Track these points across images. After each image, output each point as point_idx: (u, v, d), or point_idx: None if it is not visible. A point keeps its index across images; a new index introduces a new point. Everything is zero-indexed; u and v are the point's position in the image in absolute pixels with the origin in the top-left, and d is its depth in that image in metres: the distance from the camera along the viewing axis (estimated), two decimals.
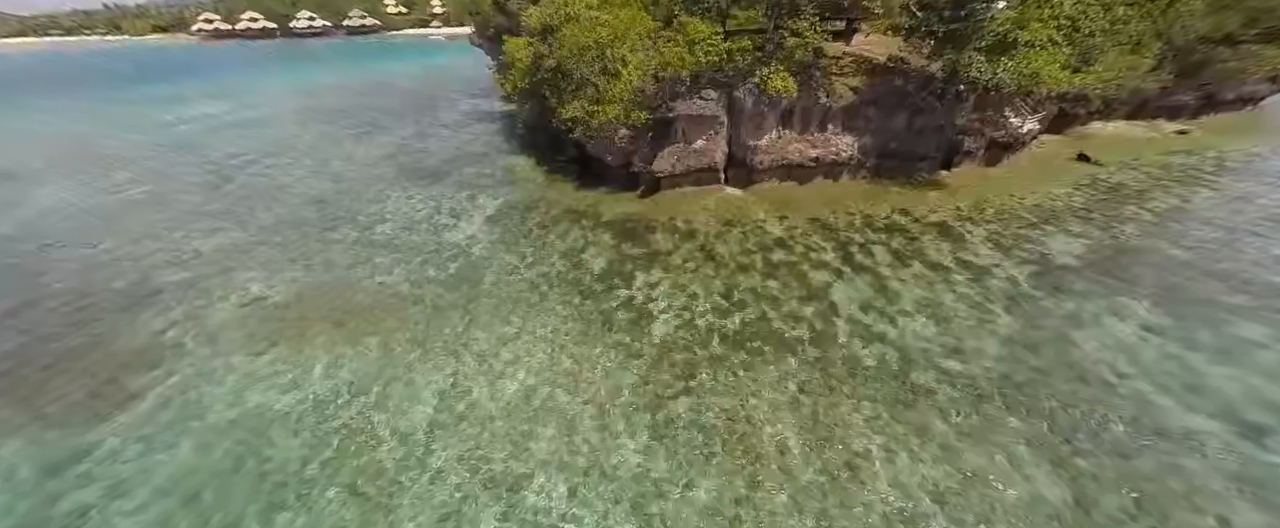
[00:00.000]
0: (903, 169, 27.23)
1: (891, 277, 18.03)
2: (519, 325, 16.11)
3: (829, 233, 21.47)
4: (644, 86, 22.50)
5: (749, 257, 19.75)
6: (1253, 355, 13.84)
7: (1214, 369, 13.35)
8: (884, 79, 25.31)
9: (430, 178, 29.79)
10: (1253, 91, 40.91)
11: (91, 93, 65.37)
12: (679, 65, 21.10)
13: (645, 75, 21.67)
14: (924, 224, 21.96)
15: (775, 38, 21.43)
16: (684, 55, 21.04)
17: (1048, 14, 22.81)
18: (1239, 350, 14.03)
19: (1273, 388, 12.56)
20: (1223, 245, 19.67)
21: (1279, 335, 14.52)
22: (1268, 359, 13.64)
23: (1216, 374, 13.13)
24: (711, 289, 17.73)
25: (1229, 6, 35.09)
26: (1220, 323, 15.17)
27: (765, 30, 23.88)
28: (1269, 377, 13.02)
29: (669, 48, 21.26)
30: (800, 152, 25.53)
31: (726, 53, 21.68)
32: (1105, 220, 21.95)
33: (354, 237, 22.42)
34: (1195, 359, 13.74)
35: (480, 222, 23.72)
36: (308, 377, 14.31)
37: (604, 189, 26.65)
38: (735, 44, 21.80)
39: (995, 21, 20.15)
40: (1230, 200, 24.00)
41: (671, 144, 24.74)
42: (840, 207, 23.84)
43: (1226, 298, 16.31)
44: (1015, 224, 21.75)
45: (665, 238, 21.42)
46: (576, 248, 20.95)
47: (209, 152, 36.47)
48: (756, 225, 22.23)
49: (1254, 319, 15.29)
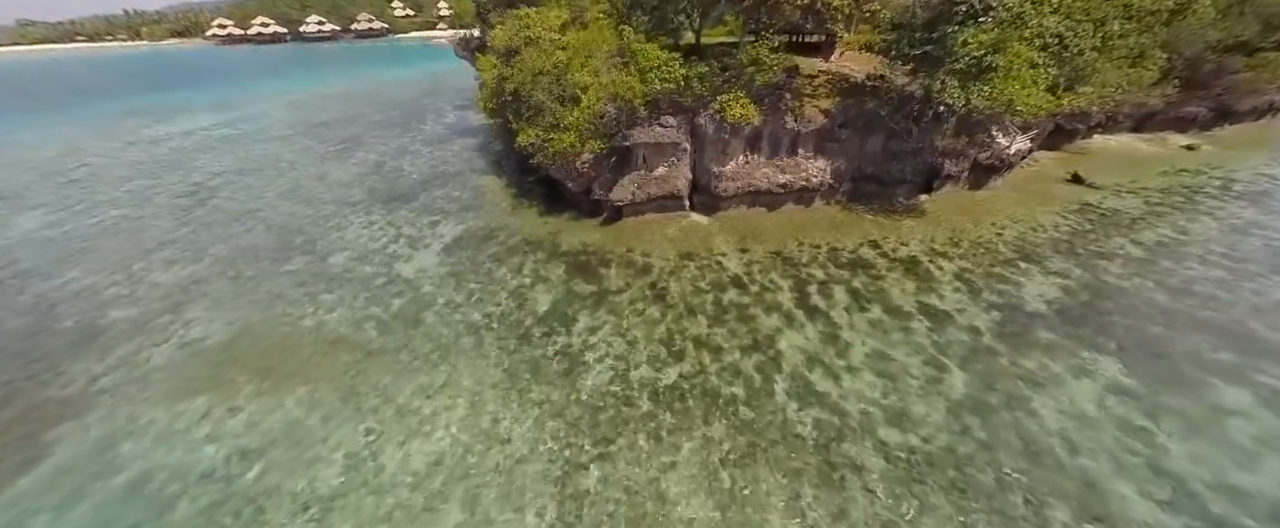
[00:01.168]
0: (880, 194, 26.02)
1: (845, 324, 17.03)
2: (447, 375, 15.59)
3: (789, 269, 20.49)
4: (603, 112, 21.77)
5: (700, 297, 18.92)
6: (1227, 429, 12.59)
7: (1181, 446, 12.16)
8: (857, 101, 24.14)
9: (399, 200, 29.51)
10: (1270, 101, 38.42)
11: (99, 104, 66.83)
12: (629, 94, 20.26)
13: (602, 102, 20.90)
14: (892, 259, 20.83)
15: (734, 64, 20.47)
16: (634, 84, 20.19)
17: (1032, 32, 21.37)
18: (1213, 423, 12.79)
19: (1242, 474, 11.36)
20: (1214, 288, 18.18)
21: (1261, 402, 13.24)
22: (1243, 434, 12.39)
23: (1182, 453, 11.95)
24: (653, 335, 16.97)
25: (1244, 13, 32.88)
26: (1197, 387, 13.89)
27: (736, 44, 22.94)
28: (1241, 458, 11.80)
29: (620, 76, 20.42)
30: (768, 178, 24.49)
31: (683, 79, 20.80)
32: (1088, 256, 20.53)
33: (306, 269, 22.18)
34: (1162, 433, 12.55)
35: (436, 251, 23.29)
36: (224, 432, 13.99)
37: (568, 215, 26.02)
38: (692, 70, 20.89)
39: (967, 46, 18.87)
40: (1230, 232, 22.31)
41: (632, 171, 23.94)
42: (807, 237, 22.80)
43: (1209, 354, 14.97)
44: (989, 260, 20.49)
45: (618, 273, 20.70)
46: (526, 284, 20.37)
47: (192, 170, 36.82)
48: (715, 259, 21.35)
49: (1236, 382, 13.97)
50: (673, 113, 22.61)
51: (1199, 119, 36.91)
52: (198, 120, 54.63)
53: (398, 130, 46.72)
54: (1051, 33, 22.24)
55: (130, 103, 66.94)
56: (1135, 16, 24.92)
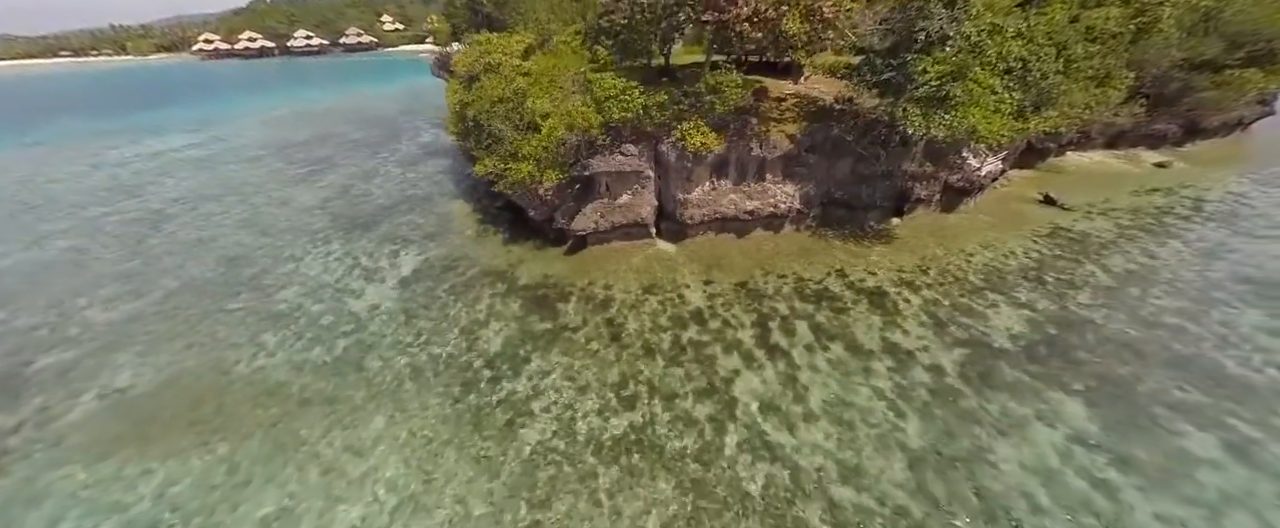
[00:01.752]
0: (850, 218, 25.60)
1: (805, 365, 16.35)
2: (382, 428, 14.67)
3: (753, 302, 19.85)
4: (564, 140, 21.18)
5: (659, 335, 18.18)
6: (1196, 481, 11.98)
7: (1146, 503, 11.51)
8: (824, 125, 23.79)
9: (361, 228, 28.63)
10: (1239, 116, 38.80)
11: (69, 123, 65.50)
12: (584, 124, 19.71)
13: (560, 131, 20.31)
14: (858, 290, 20.27)
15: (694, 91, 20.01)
16: (590, 114, 19.65)
17: (993, 56, 21.17)
18: (1180, 474, 12.18)
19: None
20: (1183, 319, 17.75)
21: (1230, 451, 12.68)
22: (1211, 488, 11.79)
23: (1146, 512, 11.31)
24: (606, 379, 16.19)
25: (1208, 32, 33.23)
26: (1165, 433, 13.32)
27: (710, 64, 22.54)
28: (1207, 515, 11.19)
29: (577, 105, 19.88)
30: (735, 204, 23.97)
31: (642, 108, 20.30)
32: (1057, 285, 20.10)
33: (252, 307, 21.19)
34: (1127, 487, 11.89)
35: (391, 285, 22.42)
36: (133, 496, 12.96)
37: (532, 243, 25.28)
38: (651, 98, 20.42)
39: (927, 75, 18.56)
40: (1201, 255, 22.03)
41: (595, 199, 23.31)
42: (774, 267, 22.21)
43: (1177, 395, 14.44)
44: (958, 290, 19.98)
45: (577, 308, 19.94)
46: (479, 321, 19.54)
47: (151, 196, 35.71)
48: (678, 292, 20.66)
49: (1205, 426, 13.43)
50: (634, 140, 22.11)
51: (1170, 136, 37.12)
52: (168, 141, 53.51)
53: (371, 150, 45.96)
54: (1014, 57, 22.18)
55: (102, 122, 65.62)
56: (1098, 39, 24.94)
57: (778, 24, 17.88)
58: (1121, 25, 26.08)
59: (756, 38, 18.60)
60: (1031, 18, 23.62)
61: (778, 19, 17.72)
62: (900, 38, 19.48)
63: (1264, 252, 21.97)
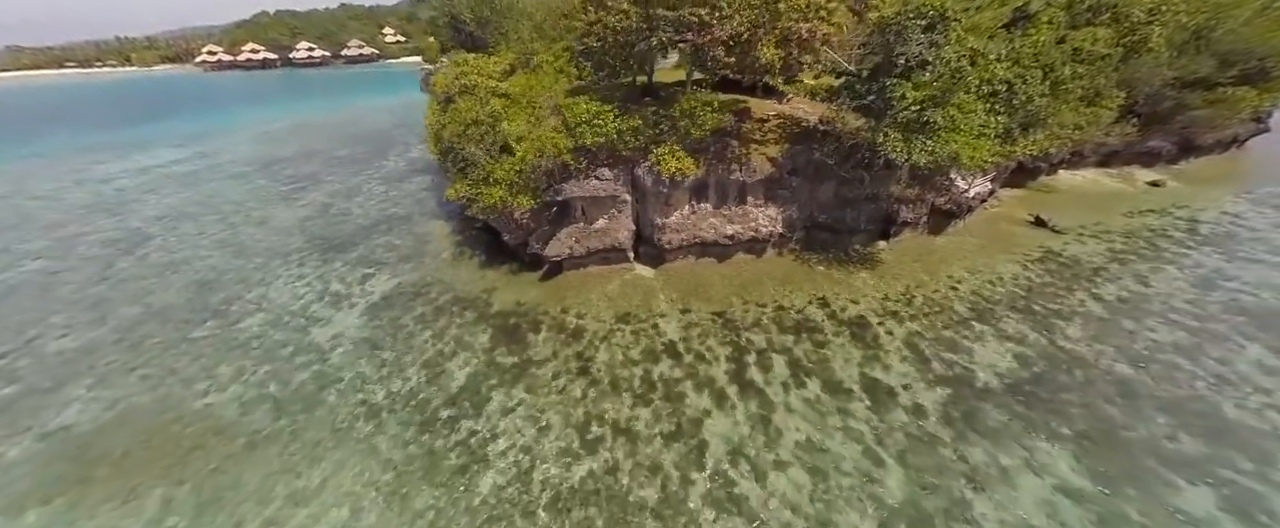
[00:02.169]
0: (835, 242, 24.95)
1: (780, 403, 15.55)
2: (329, 473, 13.86)
3: (730, 333, 19.10)
4: (538, 165, 20.63)
5: (629, 370, 17.42)
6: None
7: None
8: (806, 147, 23.26)
9: (336, 249, 28.05)
10: (1233, 134, 38.29)
11: (62, 137, 65.50)
12: (554, 151, 19.17)
13: (531, 156, 19.76)
14: (840, 321, 19.52)
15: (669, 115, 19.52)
16: (559, 140, 19.12)
17: (977, 79, 20.64)
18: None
19: None
20: (1177, 355, 16.95)
21: (1226, 507, 11.81)
22: None
23: None
24: (570, 420, 15.40)
25: (1200, 50, 32.85)
26: (1157, 486, 12.45)
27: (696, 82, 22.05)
28: None
29: (547, 130, 19.33)
30: (715, 228, 23.33)
31: (616, 133, 19.79)
32: (1046, 315, 19.33)
33: (214, 336, 20.49)
34: None
35: (359, 313, 21.73)
36: None
37: (508, 267, 24.62)
38: (626, 122, 19.90)
39: (906, 101, 18.05)
40: (1196, 283, 21.28)
41: (571, 223, 22.71)
42: (753, 294, 21.49)
43: (1170, 444, 13.60)
44: (942, 321, 19.22)
45: (546, 339, 19.20)
46: (445, 353, 18.80)
47: (131, 215, 35.26)
48: (653, 322, 19.93)
49: (1200, 478, 12.57)
50: (610, 164, 21.58)
51: (1164, 153, 36.57)
52: (157, 155, 53.35)
53: (358, 166, 45.63)
54: (999, 80, 21.69)
55: (94, 136, 65.63)
56: (1085, 60, 24.49)
57: (752, 49, 17.43)
58: (1110, 46, 25.68)
59: (730, 62, 18.16)
60: (1017, 40, 23.21)
61: (752, 45, 17.28)
62: (881, 61, 19.02)
63: (1262, 279, 21.21)
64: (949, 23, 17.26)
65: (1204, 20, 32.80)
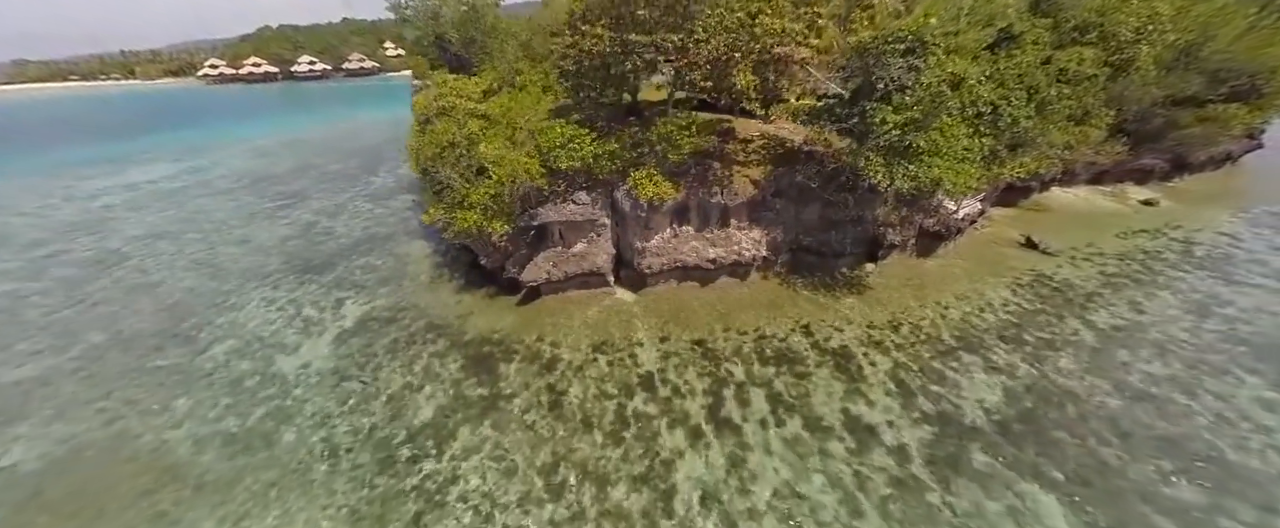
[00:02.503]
0: (821, 266, 24.38)
1: (758, 444, 14.82)
2: (276, 521, 13.06)
3: (709, 364, 18.41)
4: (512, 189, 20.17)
5: (602, 404, 16.71)
6: None
7: None
8: (790, 169, 22.84)
9: (314, 272, 27.51)
10: (1227, 150, 37.97)
11: (56, 152, 65.62)
12: (526, 177, 18.70)
13: (503, 181, 19.28)
14: (823, 351, 18.84)
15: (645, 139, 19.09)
16: (531, 165, 18.65)
17: (962, 100, 20.24)
18: None
19: None
20: (1174, 390, 16.24)
21: None
22: None
23: None
24: (536, 460, 14.66)
25: (1188, 67, 32.65)
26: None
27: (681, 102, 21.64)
28: None
29: (520, 157, 18.83)
30: (697, 252, 22.78)
31: (593, 157, 19.36)
32: (1037, 345, 18.66)
33: (177, 365, 19.84)
34: None
35: (329, 340, 21.08)
36: None
37: (486, 290, 24.04)
38: (603, 146, 19.49)
39: (886, 125, 17.67)
40: (1192, 310, 20.63)
41: (549, 247, 22.22)
42: (735, 321, 20.85)
43: (1167, 490, 12.83)
44: (929, 351, 18.54)
45: (518, 371, 18.52)
46: (412, 385, 18.11)
47: (112, 234, 34.83)
48: (629, 351, 19.25)
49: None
50: (587, 187, 21.14)
51: (1157, 170, 36.20)
52: (148, 171, 53.26)
53: (346, 182, 45.38)
54: (984, 101, 21.35)
55: (88, 150, 65.77)
56: (1071, 81, 24.19)
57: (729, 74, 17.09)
58: (1096, 66, 25.42)
59: (707, 87, 17.82)
60: (1001, 61, 22.95)
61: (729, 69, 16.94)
62: (861, 85, 18.68)
63: (1260, 306, 20.56)
64: (928, 47, 16.94)
65: (1192, 38, 32.67)
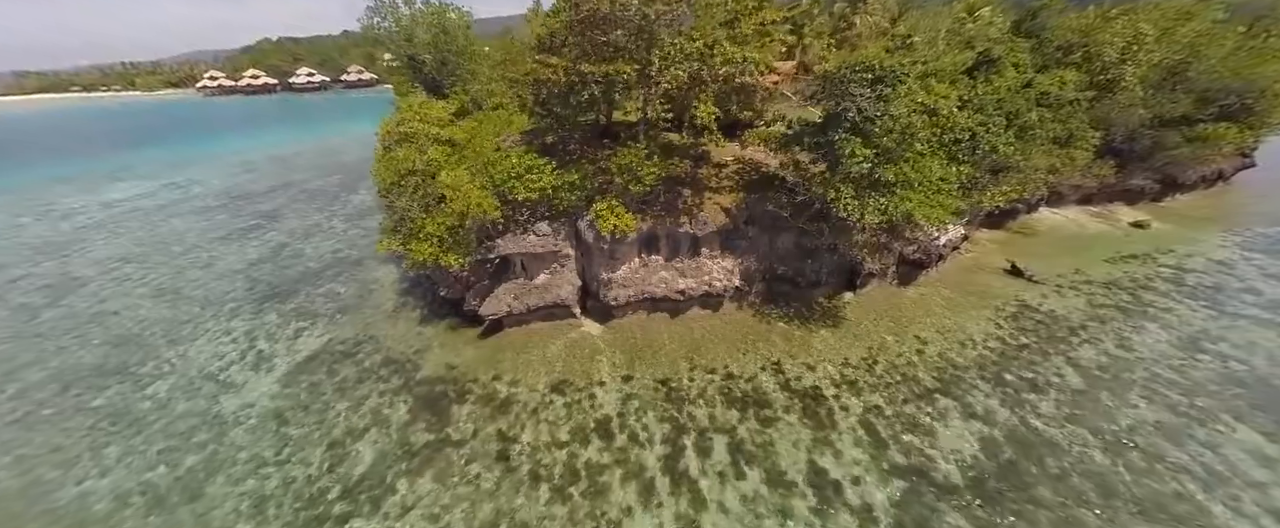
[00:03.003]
0: (797, 294, 23.49)
1: (713, 501, 13.78)
2: None
3: (671, 406, 17.43)
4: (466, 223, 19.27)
5: (553, 454, 15.70)
6: None
7: None
8: (763, 197, 22.05)
9: (275, 299, 26.60)
10: (1218, 169, 37.29)
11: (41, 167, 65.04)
12: (479, 212, 17.89)
13: (455, 215, 18.43)
14: (792, 392, 17.85)
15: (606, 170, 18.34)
16: (483, 200, 17.83)
17: (938, 126, 19.33)
18: None
19: None
20: (1160, 440, 15.22)
21: None
22: None
23: None
24: (474, 519, 13.60)
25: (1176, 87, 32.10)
26: None
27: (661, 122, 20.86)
28: None
29: (474, 190, 17.99)
30: (666, 283, 21.88)
31: (552, 188, 18.59)
32: (1017, 387, 17.67)
33: (113, 405, 18.82)
34: None
35: (278, 377, 20.09)
36: None
37: (448, 322, 23.07)
38: (563, 177, 18.71)
39: (855, 157, 16.93)
40: (1182, 344, 19.67)
41: (511, 279, 21.37)
42: (703, 357, 19.88)
43: None
44: (904, 393, 17.56)
45: (470, 414, 17.52)
46: (357, 429, 17.10)
47: (77, 256, 33.97)
48: (589, 392, 18.27)
49: None
50: (549, 218, 20.35)
51: (1147, 191, 35.48)
52: (128, 187, 52.61)
53: (324, 201, 44.68)
54: (962, 128, 20.64)
55: (72, 165, 65.27)
56: (1052, 105, 23.53)
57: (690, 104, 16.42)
58: (1079, 90, 24.80)
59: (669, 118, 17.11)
60: (979, 86, 22.33)
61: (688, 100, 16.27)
62: (830, 114, 17.98)
63: (1253, 341, 19.61)
64: (896, 77, 16.26)
65: (1180, 58, 32.17)
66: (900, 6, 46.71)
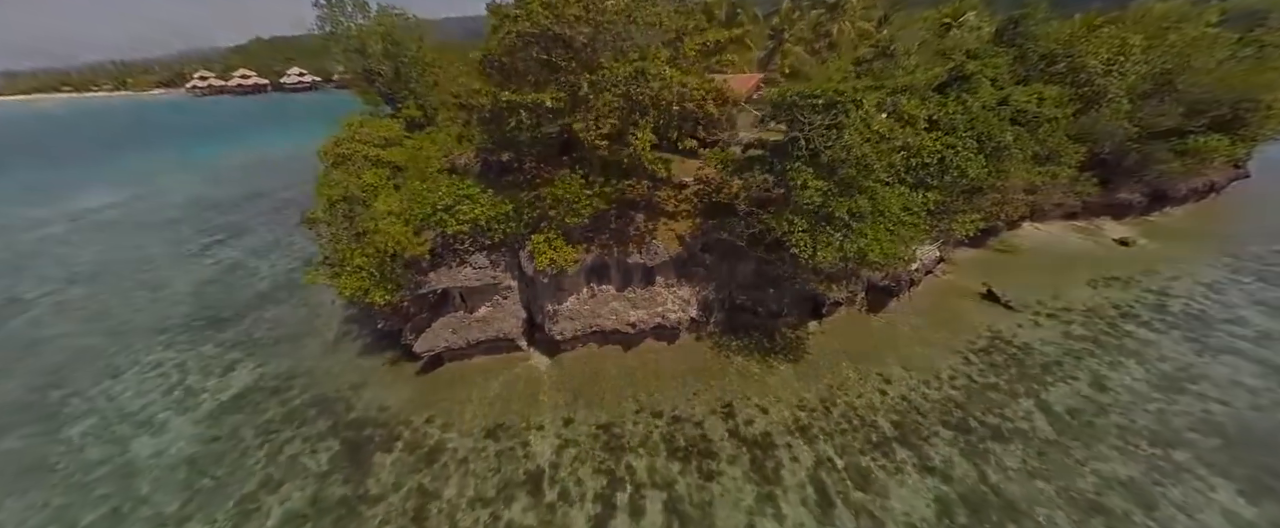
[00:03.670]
0: (759, 324, 22.27)
1: None
2: None
3: (609, 456, 16.23)
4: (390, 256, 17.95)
5: (475, 513, 14.49)
6: None
7: None
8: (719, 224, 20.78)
9: (217, 325, 25.40)
10: (1210, 182, 35.95)
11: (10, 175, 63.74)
12: (401, 248, 16.67)
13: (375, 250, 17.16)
14: (742, 439, 16.65)
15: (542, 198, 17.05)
16: (402, 236, 16.58)
17: (883, 165, 17.26)
18: None
19: None
20: (1131, 501, 13.92)
21: None
22: None
23: None
24: None
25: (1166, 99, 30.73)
26: None
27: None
28: None
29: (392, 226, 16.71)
30: (617, 314, 20.65)
31: (485, 220, 17.35)
32: (981, 435, 16.46)
33: (21, 451, 17.61)
34: None
35: (200, 417, 18.89)
36: None
37: (390, 355, 21.78)
38: (496, 208, 17.46)
39: (806, 191, 15.65)
40: (1161, 385, 18.42)
41: (450, 312, 20.18)
42: (652, 397, 18.69)
43: None
44: (860, 442, 16.36)
45: (393, 465, 16.33)
46: (272, 481, 15.91)
47: (27, 276, 32.75)
48: (525, 438, 17.07)
49: None
50: (488, 248, 19.12)
51: (1135, 204, 34.19)
52: (97, 196, 51.38)
53: (294, 211, 42.52)
54: (929, 151, 19.37)
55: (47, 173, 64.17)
56: (1029, 123, 22.22)
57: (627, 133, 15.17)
58: (1059, 105, 23.48)
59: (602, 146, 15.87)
60: (949, 104, 21.02)
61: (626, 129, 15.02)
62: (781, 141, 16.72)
63: (1236, 379, 18.38)
64: (849, 105, 14.99)
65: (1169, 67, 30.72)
66: (886, 8, 45.30)
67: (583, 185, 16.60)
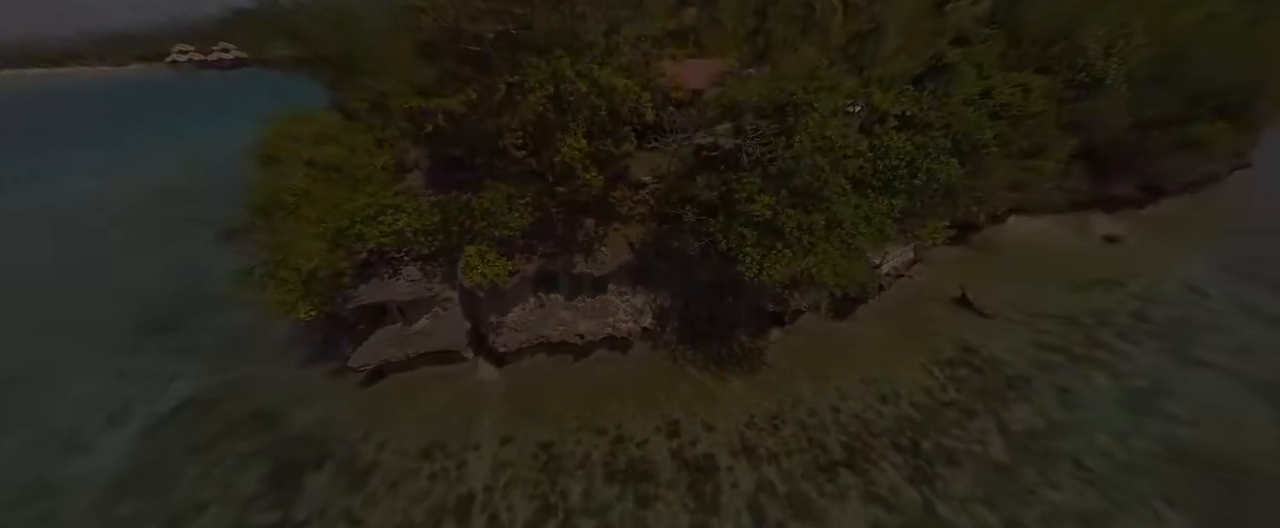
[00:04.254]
0: (717, 332, 21.36)
1: None
2: None
3: (546, 479, 15.60)
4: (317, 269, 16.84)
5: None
6: None
7: None
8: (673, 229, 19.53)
9: (164, 330, 24.55)
10: (1212, 171, 34.18)
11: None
12: (324, 264, 15.55)
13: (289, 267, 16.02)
14: (682, 461, 15.98)
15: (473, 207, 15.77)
16: (315, 250, 15.42)
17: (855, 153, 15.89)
18: None
19: None
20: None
21: None
22: None
23: None
24: None
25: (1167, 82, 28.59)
26: None
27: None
28: None
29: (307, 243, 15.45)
30: (566, 325, 19.70)
31: (410, 232, 16.15)
32: (934, 458, 15.75)
33: None
34: None
35: (133, 433, 18.28)
36: None
37: (335, 365, 21.11)
38: (422, 220, 16.21)
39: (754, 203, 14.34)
40: (1129, 403, 17.57)
41: (388, 324, 19.25)
42: (597, 414, 17.93)
43: None
44: (806, 465, 15.66)
45: (322, 487, 15.77)
46: (197, 504, 15.41)
47: None
48: (461, 459, 16.42)
49: None
50: (423, 259, 18.00)
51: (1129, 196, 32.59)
52: (59, 187, 49.67)
53: None
54: (898, 153, 17.88)
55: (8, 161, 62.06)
56: (1013, 119, 20.56)
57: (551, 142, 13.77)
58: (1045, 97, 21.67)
59: (520, 157, 14.43)
60: (923, 101, 19.35)
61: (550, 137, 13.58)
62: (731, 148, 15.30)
63: (1208, 399, 17.53)
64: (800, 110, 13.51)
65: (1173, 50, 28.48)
66: None
67: (511, 196, 15.32)
